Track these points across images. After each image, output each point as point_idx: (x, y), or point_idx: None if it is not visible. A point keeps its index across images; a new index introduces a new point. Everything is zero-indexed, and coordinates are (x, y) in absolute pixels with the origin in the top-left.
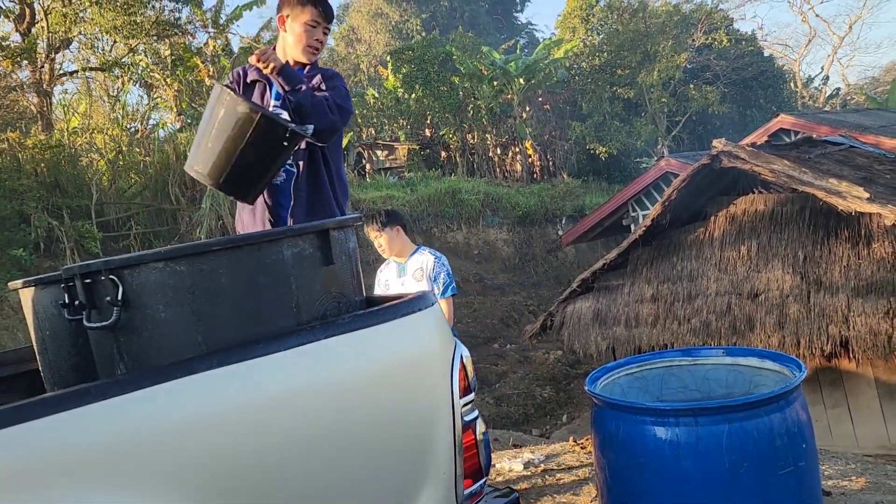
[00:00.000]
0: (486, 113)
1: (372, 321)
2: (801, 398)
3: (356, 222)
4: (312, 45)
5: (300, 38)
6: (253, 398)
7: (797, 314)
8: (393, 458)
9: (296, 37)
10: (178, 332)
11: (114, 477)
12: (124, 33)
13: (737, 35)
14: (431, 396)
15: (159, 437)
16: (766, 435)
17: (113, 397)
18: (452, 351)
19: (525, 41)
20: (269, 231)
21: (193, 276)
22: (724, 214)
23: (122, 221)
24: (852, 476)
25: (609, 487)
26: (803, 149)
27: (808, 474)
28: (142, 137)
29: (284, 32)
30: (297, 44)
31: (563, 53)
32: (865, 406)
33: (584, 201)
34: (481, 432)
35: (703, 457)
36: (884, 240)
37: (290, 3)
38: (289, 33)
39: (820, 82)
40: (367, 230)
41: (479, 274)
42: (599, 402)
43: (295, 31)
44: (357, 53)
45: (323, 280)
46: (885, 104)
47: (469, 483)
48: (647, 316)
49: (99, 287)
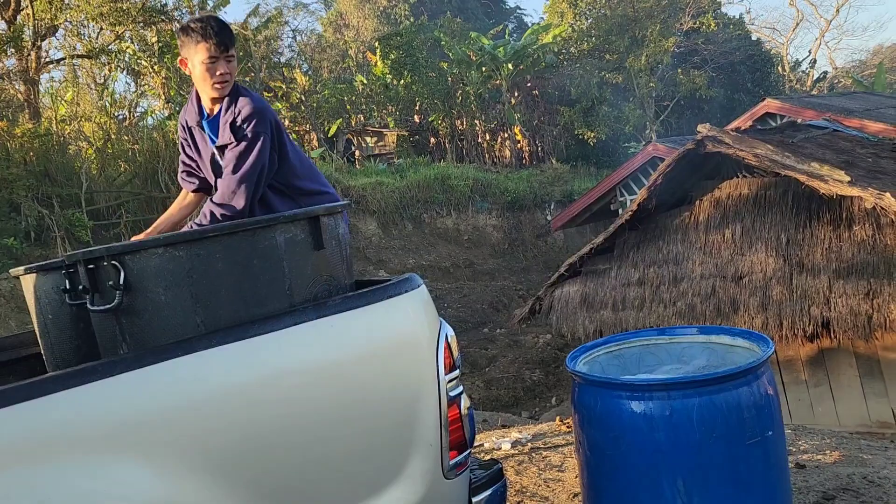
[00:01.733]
0: (475, 99)
1: (361, 302)
2: (769, 373)
3: (345, 209)
4: (217, 80)
5: (204, 77)
6: (250, 375)
7: (780, 296)
8: (383, 430)
9: (200, 77)
10: (178, 313)
11: (120, 447)
12: (111, 20)
13: (724, 19)
14: (418, 373)
15: (161, 411)
16: (735, 407)
17: (119, 374)
18: (438, 330)
19: (514, 26)
20: (262, 217)
21: (192, 260)
22: (708, 198)
23: (112, 209)
24: (827, 450)
25: (588, 461)
26: (787, 133)
27: (774, 444)
28: (130, 125)
29: (188, 73)
30: (203, 83)
31: (552, 38)
32: (847, 385)
33: (573, 186)
34: (466, 407)
35: (675, 428)
36: (864, 222)
37: (185, 45)
38: (192, 73)
39: (807, 66)
40: None
41: (468, 259)
42: (579, 378)
43: (196, 71)
44: (345, 39)
45: (314, 264)
46: (872, 87)
47: (454, 454)
48: (634, 299)
49: (102, 272)
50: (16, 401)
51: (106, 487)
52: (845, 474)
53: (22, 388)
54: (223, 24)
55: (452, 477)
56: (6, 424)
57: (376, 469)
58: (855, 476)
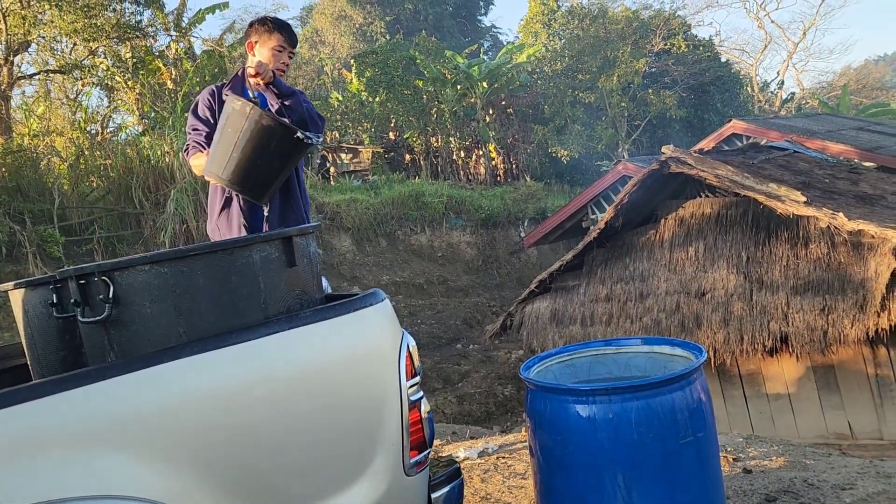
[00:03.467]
0: (450, 116)
1: (330, 314)
2: (702, 379)
3: (316, 230)
4: (279, 67)
5: (268, 61)
6: (228, 380)
7: (741, 311)
8: (350, 431)
9: (264, 60)
10: (162, 325)
11: (111, 444)
12: (84, 36)
13: (694, 41)
14: (382, 379)
15: (147, 413)
16: (669, 410)
17: (108, 378)
18: (400, 340)
19: (489, 44)
20: (240, 238)
21: (175, 276)
22: (673, 217)
23: (84, 225)
24: (773, 456)
25: (539, 462)
26: (749, 154)
27: (705, 444)
28: (103, 141)
29: (253, 56)
30: None
31: (526, 58)
32: (805, 398)
33: (547, 204)
34: (426, 411)
35: (615, 430)
36: (819, 241)
37: (258, 31)
38: (257, 57)
39: (776, 87)
40: None
41: (442, 276)
42: (531, 385)
43: (263, 55)
44: (321, 56)
45: (287, 280)
46: (837, 109)
47: (415, 454)
48: (602, 315)
49: (92, 287)
50: (18, 401)
51: (99, 480)
52: (788, 478)
53: (23, 390)
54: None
55: (413, 474)
56: (11, 422)
57: (343, 466)
58: (796, 479)
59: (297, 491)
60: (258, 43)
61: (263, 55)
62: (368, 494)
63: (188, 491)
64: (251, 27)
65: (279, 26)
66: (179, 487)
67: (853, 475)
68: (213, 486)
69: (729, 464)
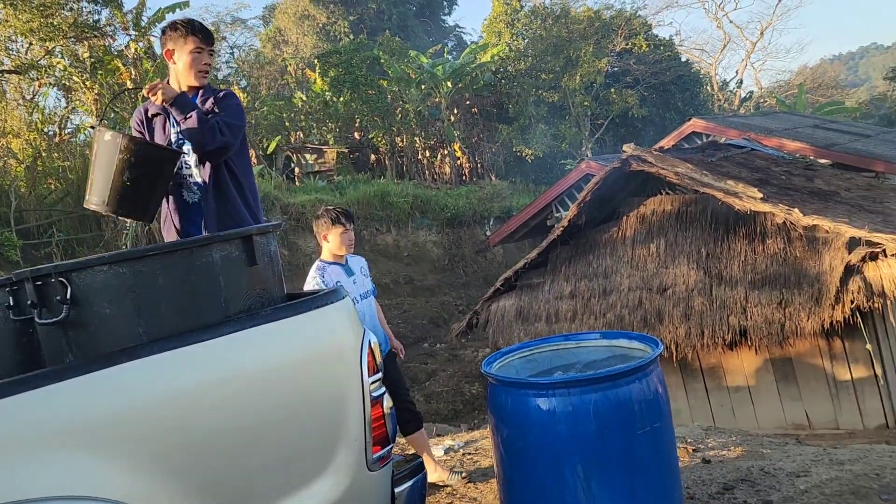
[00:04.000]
0: (415, 116)
1: (291, 312)
2: (658, 371)
3: (277, 229)
4: (201, 69)
5: (189, 65)
6: (188, 379)
7: (701, 306)
8: (313, 427)
9: (185, 65)
10: (122, 325)
11: (72, 444)
12: (41, 35)
13: (655, 40)
14: (344, 376)
15: (108, 412)
16: (626, 402)
17: (67, 379)
18: (362, 337)
19: (453, 44)
20: (200, 237)
21: (135, 277)
22: (635, 214)
23: (42, 229)
24: (732, 447)
25: (502, 456)
26: (708, 152)
27: (662, 433)
28: (61, 142)
29: (174, 65)
30: (187, 71)
31: (490, 57)
32: (765, 390)
33: (512, 202)
34: (388, 407)
35: (575, 422)
36: (776, 236)
37: (172, 37)
38: (178, 64)
39: (735, 86)
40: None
41: (408, 275)
42: (492, 380)
43: (183, 60)
44: (284, 56)
45: (248, 278)
46: (794, 107)
47: (378, 449)
48: (566, 312)
49: (49, 288)
50: None
51: (60, 481)
52: (745, 467)
53: None
54: (204, 25)
55: (376, 469)
56: None
57: (307, 462)
58: (753, 468)
59: (260, 488)
60: (175, 49)
61: (183, 60)
62: (332, 490)
63: (151, 491)
64: (164, 35)
65: (193, 29)
66: (142, 487)
67: (808, 463)
68: (176, 486)
69: (689, 454)
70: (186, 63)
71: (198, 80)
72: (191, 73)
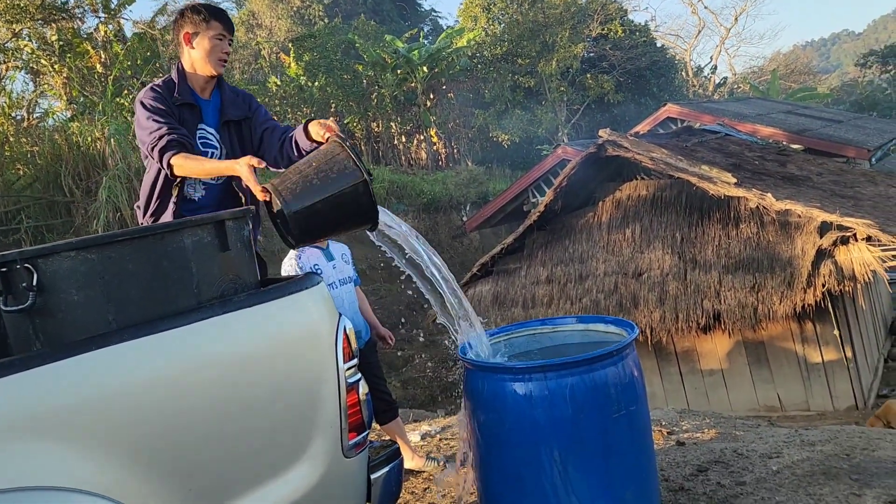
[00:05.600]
0: (391, 101)
1: (265, 298)
2: (633, 355)
3: (249, 214)
4: (222, 57)
5: (210, 52)
6: (160, 366)
7: (676, 290)
8: (287, 414)
9: (205, 52)
10: (91, 312)
11: (41, 434)
12: (7, 17)
13: (631, 26)
14: (319, 362)
15: (77, 401)
16: (602, 385)
17: (34, 367)
18: (337, 323)
19: (429, 28)
20: (170, 222)
21: (103, 262)
22: (610, 199)
23: (11, 215)
24: (705, 429)
25: (478, 441)
26: (683, 137)
27: (638, 417)
28: (29, 127)
29: (191, 49)
30: (207, 57)
31: (466, 42)
32: (738, 373)
33: (489, 188)
34: (364, 393)
35: (551, 406)
36: (749, 221)
37: (194, 21)
38: (197, 49)
39: (709, 72)
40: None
41: (385, 261)
42: (469, 365)
43: (204, 46)
44: (258, 39)
45: (220, 264)
46: (767, 93)
47: (353, 435)
48: (543, 297)
49: (14, 275)
50: None
51: (28, 471)
52: (719, 449)
53: None
54: (227, 13)
55: (352, 456)
56: None
57: (281, 449)
58: (727, 450)
59: (234, 476)
60: (197, 33)
61: (204, 45)
62: (307, 477)
63: (121, 480)
64: (183, 17)
65: (215, 14)
66: (112, 477)
67: (780, 444)
68: (148, 474)
69: (663, 437)
70: (207, 49)
71: (216, 68)
72: (209, 60)
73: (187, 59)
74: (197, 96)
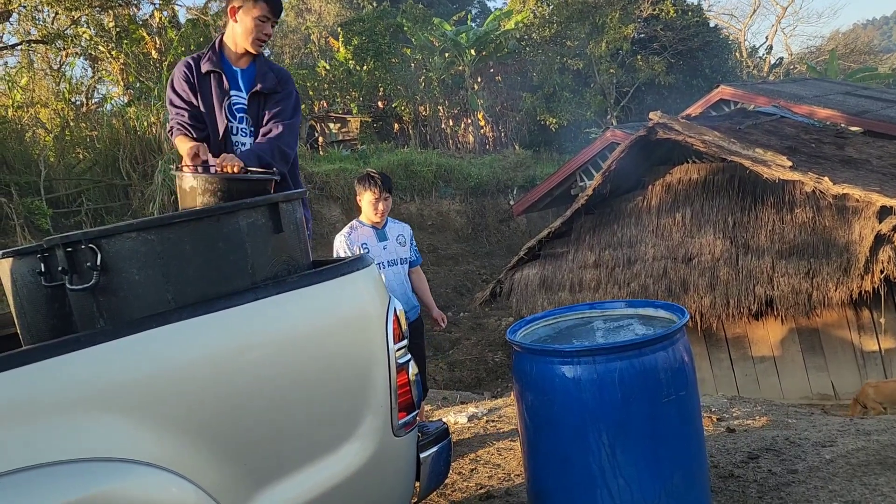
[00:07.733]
0: (438, 85)
1: (317, 280)
2: (684, 340)
3: (301, 195)
4: (261, 38)
5: (250, 31)
6: (217, 345)
7: (727, 276)
8: (339, 393)
9: (246, 29)
10: (150, 291)
11: (99, 409)
12: (66, 4)
13: (683, 6)
14: (370, 343)
15: (137, 378)
16: (652, 370)
17: (98, 344)
18: (387, 305)
19: (477, 11)
20: (226, 205)
21: (162, 243)
22: (660, 183)
23: (72, 197)
24: (756, 416)
25: (526, 423)
26: (736, 119)
27: (687, 402)
28: (88, 112)
29: (234, 23)
30: (246, 35)
31: (514, 24)
32: (790, 360)
33: (535, 172)
34: (413, 374)
35: (600, 390)
36: (805, 205)
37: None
38: (239, 24)
39: (764, 52)
40: (366, 191)
41: (432, 244)
42: (517, 347)
43: (246, 24)
44: (307, 24)
45: (274, 246)
46: (825, 74)
47: (403, 415)
48: (590, 281)
49: (79, 255)
50: (11, 366)
51: (92, 443)
52: (770, 436)
53: (16, 355)
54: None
55: (402, 435)
56: (5, 387)
57: (333, 428)
58: (779, 438)
59: (287, 453)
60: (242, 9)
61: (246, 23)
62: (358, 455)
63: (180, 454)
64: None
65: None
66: (171, 451)
67: (834, 433)
68: (206, 450)
69: (713, 423)
70: (248, 27)
71: (254, 47)
72: (249, 38)
73: (230, 31)
74: (229, 65)
